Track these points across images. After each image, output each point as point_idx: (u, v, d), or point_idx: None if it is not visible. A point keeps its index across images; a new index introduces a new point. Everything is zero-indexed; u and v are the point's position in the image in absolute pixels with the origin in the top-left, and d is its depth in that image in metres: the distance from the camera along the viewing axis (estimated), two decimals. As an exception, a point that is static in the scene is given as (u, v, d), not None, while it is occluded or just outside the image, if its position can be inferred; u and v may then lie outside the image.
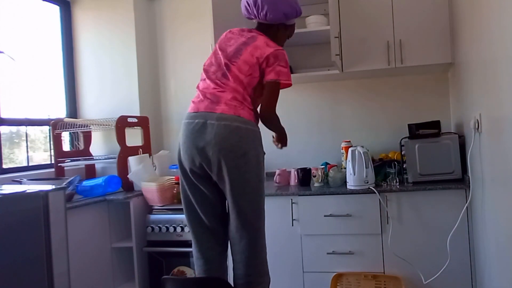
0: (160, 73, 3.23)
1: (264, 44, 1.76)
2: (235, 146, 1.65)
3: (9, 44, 2.66)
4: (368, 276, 2.23)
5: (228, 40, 1.84)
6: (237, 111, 1.68)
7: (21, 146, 2.73)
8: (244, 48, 1.76)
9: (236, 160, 1.65)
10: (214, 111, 1.68)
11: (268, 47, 1.75)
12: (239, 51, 1.76)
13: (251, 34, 1.82)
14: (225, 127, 1.65)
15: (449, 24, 2.39)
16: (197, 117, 1.71)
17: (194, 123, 1.70)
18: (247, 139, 1.68)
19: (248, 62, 1.73)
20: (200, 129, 1.68)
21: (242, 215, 1.71)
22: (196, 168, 1.72)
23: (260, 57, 1.73)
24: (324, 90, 2.90)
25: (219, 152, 1.64)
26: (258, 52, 1.74)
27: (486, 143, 1.74)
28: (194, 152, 1.69)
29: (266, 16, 1.82)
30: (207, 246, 1.82)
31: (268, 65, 1.74)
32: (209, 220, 1.80)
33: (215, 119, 1.66)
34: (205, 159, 1.68)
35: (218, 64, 1.79)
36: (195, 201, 1.79)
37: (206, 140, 1.66)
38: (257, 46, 1.76)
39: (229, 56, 1.77)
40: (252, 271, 1.75)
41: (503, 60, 1.42)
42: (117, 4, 3.03)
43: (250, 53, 1.74)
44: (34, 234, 1.70)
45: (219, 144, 1.64)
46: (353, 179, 2.25)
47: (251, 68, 1.73)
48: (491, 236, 1.75)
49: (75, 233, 2.22)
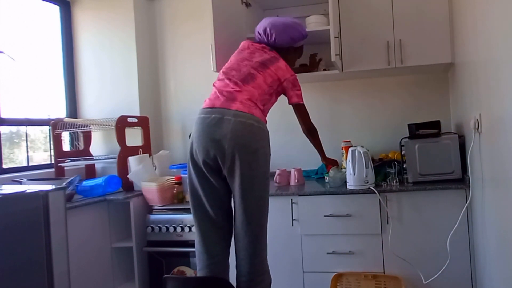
0: (160, 73, 3.23)
1: (285, 67, 2.00)
2: (248, 142, 1.74)
3: (9, 44, 2.66)
4: (368, 276, 2.23)
5: (253, 52, 2.03)
6: (251, 110, 1.80)
7: (21, 146, 2.73)
8: (270, 64, 1.97)
9: (248, 156, 1.74)
10: (230, 108, 1.78)
11: (287, 72, 2.00)
12: (265, 65, 1.96)
13: (273, 55, 2.02)
14: (241, 123, 1.74)
15: (449, 24, 2.39)
16: (213, 112, 1.79)
17: (211, 118, 1.78)
18: (259, 137, 1.79)
19: (273, 76, 1.95)
20: (217, 124, 1.75)
21: (248, 211, 1.76)
22: (210, 160, 1.77)
23: (281, 77, 1.97)
24: (324, 90, 2.90)
25: (234, 146, 1.72)
26: (280, 73, 1.97)
27: (486, 143, 1.74)
28: (209, 145, 1.75)
29: (276, 41, 2.07)
30: (211, 241, 1.85)
31: (288, 88, 2.01)
32: (216, 213, 1.83)
33: (232, 115, 1.75)
34: (220, 151, 1.74)
35: (239, 69, 1.93)
36: (204, 193, 1.83)
37: (222, 134, 1.73)
38: (280, 68, 1.98)
39: (255, 66, 1.94)
40: (254, 269, 1.79)
41: (503, 60, 1.42)
42: (117, 4, 3.03)
43: (274, 71, 1.96)
44: (34, 234, 1.70)
45: (235, 139, 1.72)
46: (353, 179, 2.25)
47: (273, 81, 1.95)
48: (491, 236, 1.75)
49: (75, 233, 2.22)
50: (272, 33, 2.06)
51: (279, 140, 2.92)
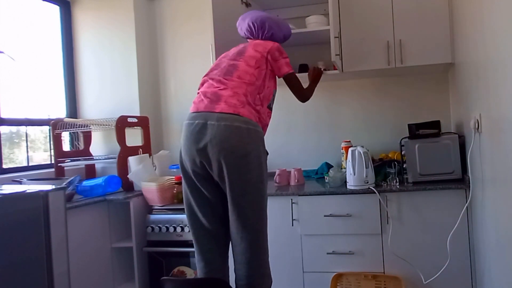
0: (160, 73, 3.23)
1: (262, 42, 1.94)
2: (235, 146, 1.65)
3: (9, 44, 2.66)
4: (368, 276, 2.23)
5: (226, 53, 1.97)
6: (236, 109, 1.69)
7: (21, 146, 2.73)
8: (246, 49, 1.91)
9: (237, 161, 1.65)
10: (214, 111, 1.69)
11: (266, 43, 1.93)
12: (242, 51, 1.89)
13: (245, 43, 1.98)
14: (225, 127, 1.65)
15: (449, 24, 2.39)
16: (197, 117, 1.72)
17: (195, 124, 1.71)
18: (248, 139, 1.68)
19: (254, 56, 1.85)
20: (200, 130, 1.68)
21: (242, 216, 1.70)
22: (198, 168, 1.72)
23: (263, 51, 1.87)
24: (324, 90, 2.90)
25: (219, 152, 1.64)
26: (260, 47, 1.89)
27: (486, 143, 1.74)
28: (194, 153, 1.70)
29: (271, 36, 2.02)
30: (207, 248, 1.82)
31: (275, 59, 1.90)
32: (209, 222, 1.80)
33: (215, 120, 1.66)
34: (206, 159, 1.68)
35: (219, 66, 1.88)
36: (195, 203, 1.80)
37: (206, 140, 1.66)
38: (257, 44, 1.92)
39: (233, 57, 1.87)
40: (252, 273, 1.74)
41: (503, 60, 1.42)
42: (117, 4, 3.04)
43: (253, 49, 1.88)
44: (34, 234, 1.70)
45: (219, 144, 1.64)
46: (353, 179, 2.25)
47: (258, 61, 1.84)
48: (491, 236, 1.75)
49: (75, 233, 2.22)
50: (271, 27, 2.01)
51: (279, 140, 2.93)
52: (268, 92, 1.87)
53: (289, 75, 1.96)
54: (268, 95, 1.87)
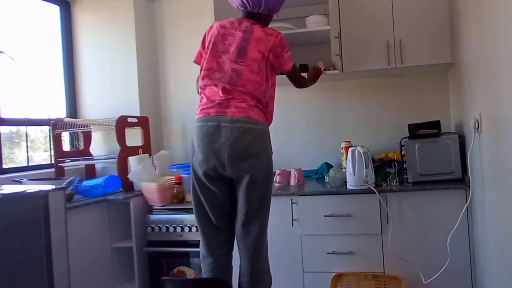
0: (160, 73, 3.23)
1: (263, 34, 1.81)
2: (248, 146, 1.71)
3: (9, 44, 2.66)
4: (368, 276, 2.23)
5: (224, 37, 1.84)
6: (247, 113, 1.74)
7: (21, 146, 2.73)
8: (247, 45, 1.79)
9: (250, 159, 1.72)
10: (225, 114, 1.73)
11: (268, 36, 1.81)
12: (243, 49, 1.79)
13: (245, 26, 1.83)
14: (238, 129, 1.71)
15: (449, 24, 2.39)
16: (210, 120, 1.74)
17: (208, 126, 1.74)
18: (259, 139, 1.75)
19: (256, 59, 1.79)
20: (215, 132, 1.72)
21: (251, 212, 1.77)
22: (210, 170, 1.76)
23: (265, 50, 1.80)
24: (324, 90, 2.90)
25: (233, 153, 1.70)
26: (262, 45, 1.80)
27: (486, 143, 1.74)
28: (209, 154, 1.73)
29: (272, 9, 1.91)
30: (215, 245, 1.86)
31: (277, 56, 1.84)
32: (217, 220, 1.84)
33: (228, 122, 1.71)
34: (219, 160, 1.72)
35: (221, 68, 1.80)
36: (206, 202, 1.83)
37: (220, 142, 1.71)
38: (258, 39, 1.80)
39: (234, 58, 1.79)
40: (255, 269, 1.80)
41: (503, 60, 1.42)
42: (117, 4, 3.03)
43: (256, 48, 1.79)
44: (34, 234, 1.70)
45: (233, 145, 1.70)
46: (353, 179, 2.25)
47: (260, 65, 1.80)
48: (491, 236, 1.75)
49: (75, 233, 2.22)
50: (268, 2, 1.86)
51: (279, 140, 2.92)
52: (272, 90, 1.90)
53: (291, 71, 1.98)
54: (273, 92, 1.91)
